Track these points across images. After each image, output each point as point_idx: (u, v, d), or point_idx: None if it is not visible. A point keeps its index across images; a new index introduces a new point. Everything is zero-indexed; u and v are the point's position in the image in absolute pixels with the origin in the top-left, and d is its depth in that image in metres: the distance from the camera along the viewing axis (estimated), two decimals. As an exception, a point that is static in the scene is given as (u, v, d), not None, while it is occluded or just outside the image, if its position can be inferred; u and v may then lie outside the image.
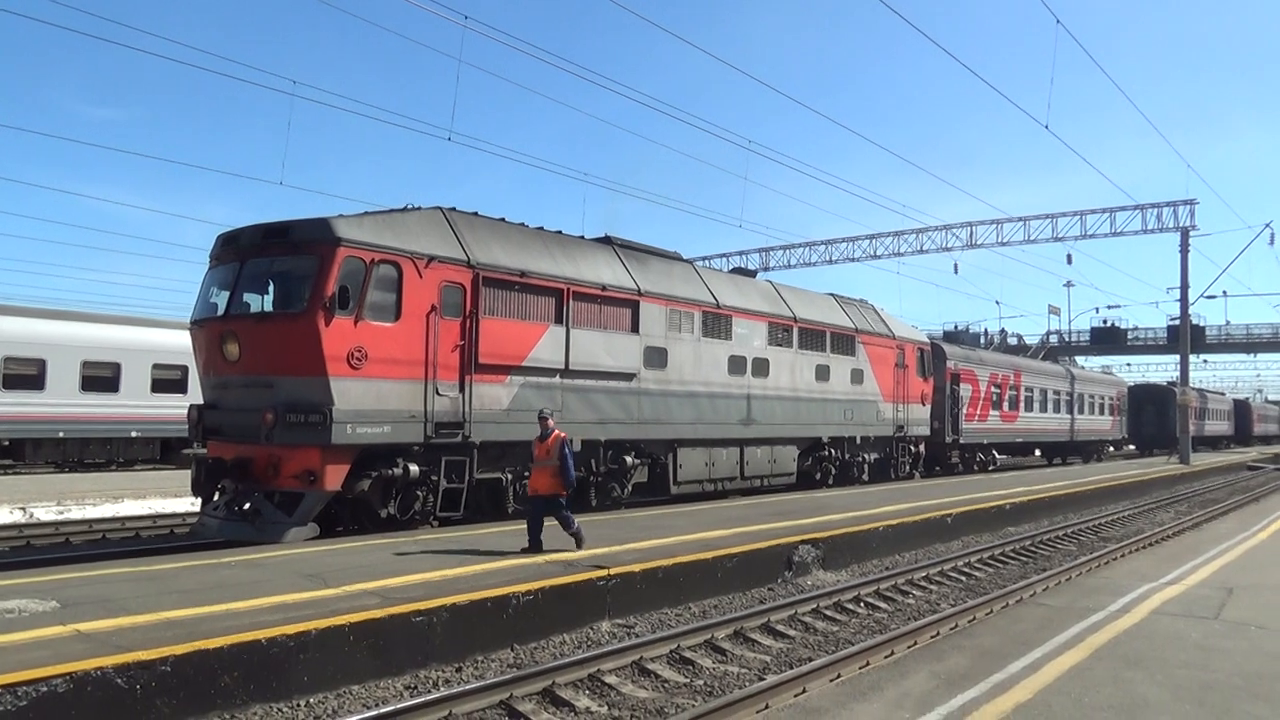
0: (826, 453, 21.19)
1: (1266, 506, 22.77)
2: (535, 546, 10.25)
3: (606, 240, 16.65)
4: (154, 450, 26.71)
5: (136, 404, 25.56)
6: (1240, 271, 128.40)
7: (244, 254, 12.14)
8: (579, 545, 10.31)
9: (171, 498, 19.14)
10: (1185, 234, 34.50)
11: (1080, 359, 65.48)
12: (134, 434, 25.96)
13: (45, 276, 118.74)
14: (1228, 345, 68.22)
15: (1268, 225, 36.30)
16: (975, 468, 30.80)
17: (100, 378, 24.95)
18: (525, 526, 10.60)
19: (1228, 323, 65.26)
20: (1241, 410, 74.95)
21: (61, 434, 24.54)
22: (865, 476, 22.83)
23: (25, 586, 8.00)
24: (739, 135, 49.55)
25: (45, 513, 17.17)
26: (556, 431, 10.56)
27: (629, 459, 15.57)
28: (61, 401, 24.13)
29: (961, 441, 29.14)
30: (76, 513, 17.51)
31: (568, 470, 10.33)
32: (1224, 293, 61.37)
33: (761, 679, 7.33)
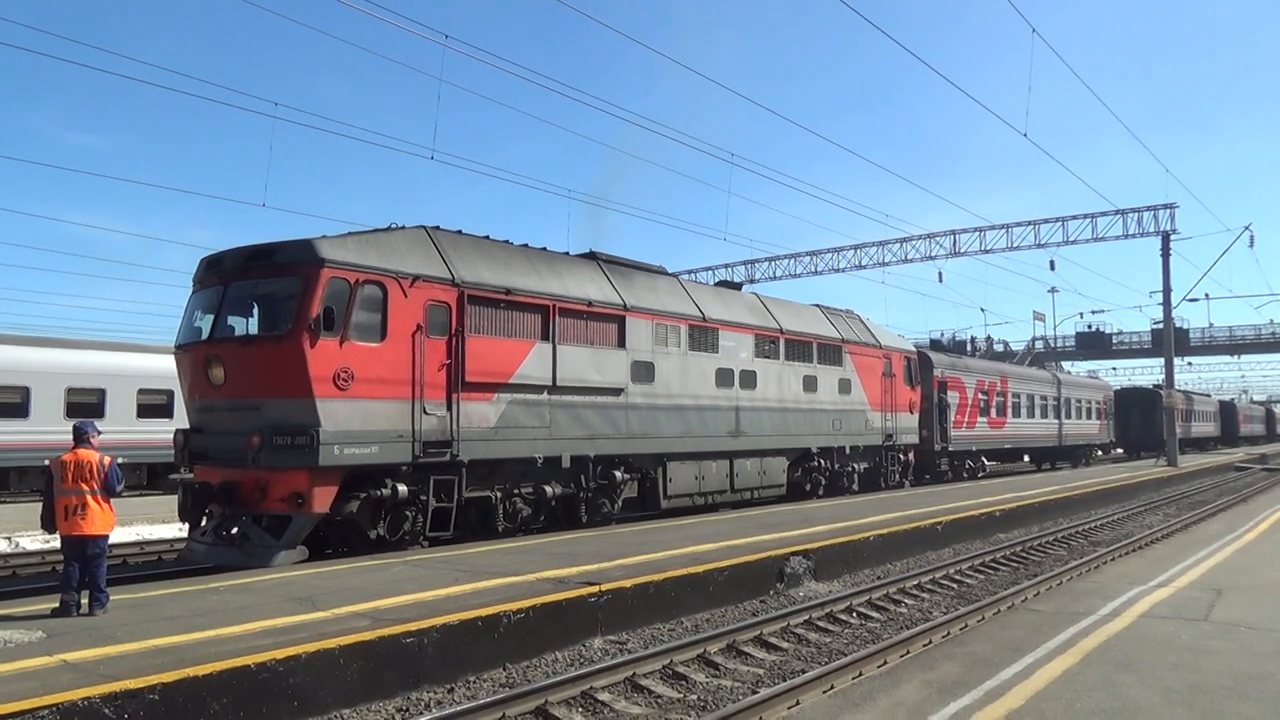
0: (816, 463, 21.21)
1: (1254, 507, 22.89)
2: (64, 607, 7.83)
3: (591, 256, 16.68)
4: (140, 476, 26.48)
5: (122, 429, 25.31)
6: (1221, 274, 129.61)
7: (228, 277, 12.12)
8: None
9: (158, 524, 18.98)
10: (1166, 238, 34.75)
11: (1066, 364, 65.78)
12: (120, 459, 25.74)
13: (27, 304, 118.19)
14: (1211, 347, 68.78)
15: (1247, 228, 36.68)
16: (964, 475, 30.85)
17: (85, 404, 24.76)
18: (510, 545, 10.20)
19: (1211, 325, 66.06)
20: (1227, 412, 75.46)
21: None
22: (855, 486, 22.85)
23: (11, 616, 7.93)
24: (721, 149, 49.77)
25: (31, 542, 17.00)
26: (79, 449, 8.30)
27: (618, 474, 15.54)
28: (46, 429, 23.92)
29: (950, 449, 29.21)
30: (62, 541, 17.31)
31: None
32: (1206, 295, 61.41)
33: (755, 692, 7.33)
